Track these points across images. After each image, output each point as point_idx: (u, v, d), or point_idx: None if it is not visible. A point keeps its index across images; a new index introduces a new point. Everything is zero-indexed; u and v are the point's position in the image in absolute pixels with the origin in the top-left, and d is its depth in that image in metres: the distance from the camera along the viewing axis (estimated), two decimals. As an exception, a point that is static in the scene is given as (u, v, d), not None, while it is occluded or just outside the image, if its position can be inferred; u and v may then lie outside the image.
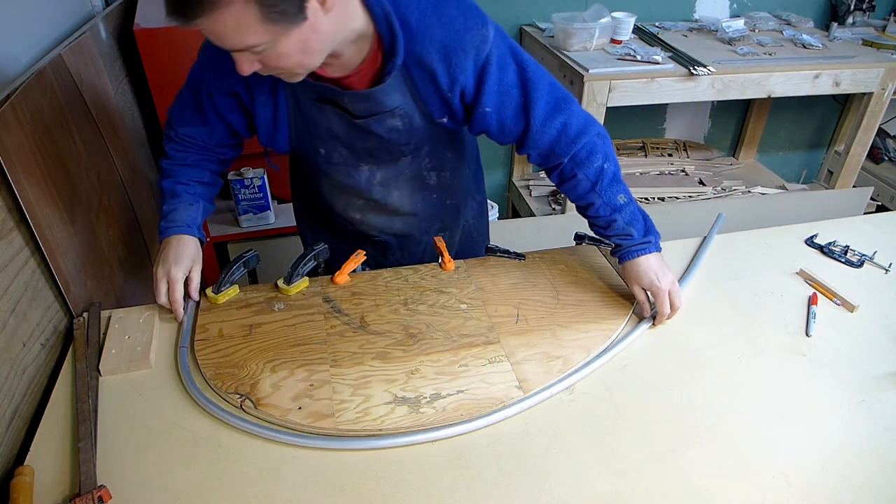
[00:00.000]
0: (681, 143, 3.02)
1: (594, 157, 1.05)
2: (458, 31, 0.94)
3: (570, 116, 1.03)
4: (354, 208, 1.22)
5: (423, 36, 0.94)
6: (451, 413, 0.88)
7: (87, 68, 1.36)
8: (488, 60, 0.97)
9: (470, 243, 1.40)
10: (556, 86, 1.03)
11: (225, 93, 1.05)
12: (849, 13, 2.67)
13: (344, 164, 1.14)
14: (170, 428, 0.87)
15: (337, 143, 1.09)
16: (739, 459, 0.83)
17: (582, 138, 1.03)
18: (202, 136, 1.12)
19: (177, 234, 1.08)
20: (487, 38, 0.96)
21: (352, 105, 1.01)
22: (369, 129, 1.04)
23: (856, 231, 1.34)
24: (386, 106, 1.01)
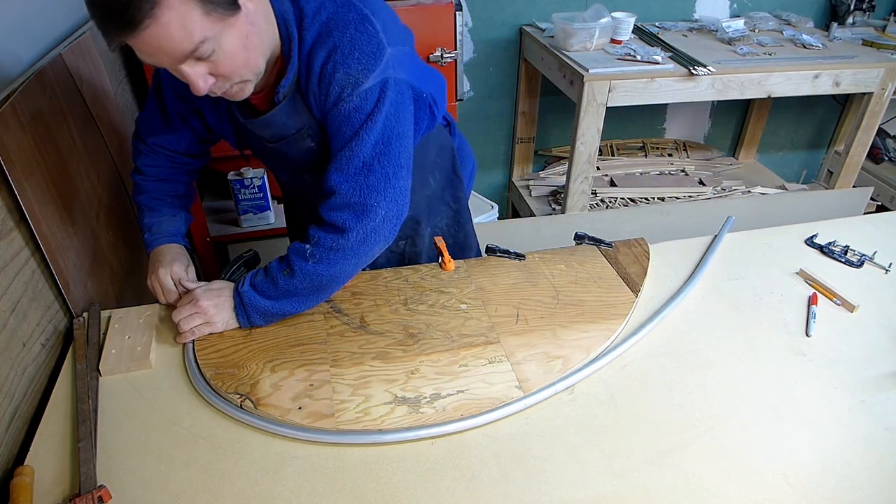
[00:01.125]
0: (681, 143, 3.02)
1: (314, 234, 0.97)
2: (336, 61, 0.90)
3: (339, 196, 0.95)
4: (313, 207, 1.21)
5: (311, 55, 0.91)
6: (451, 413, 0.88)
7: (87, 68, 1.36)
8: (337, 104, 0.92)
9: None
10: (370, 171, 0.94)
11: (177, 97, 1.06)
12: (849, 13, 2.67)
13: (288, 170, 1.15)
14: (170, 428, 0.87)
15: (269, 158, 1.11)
16: (739, 459, 0.84)
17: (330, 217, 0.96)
18: (171, 143, 1.14)
19: (162, 244, 1.11)
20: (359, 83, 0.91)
21: (259, 131, 1.01)
22: (285, 153, 1.05)
23: (856, 231, 1.34)
24: (290, 128, 0.99)
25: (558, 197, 2.67)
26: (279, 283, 0.98)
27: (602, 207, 2.58)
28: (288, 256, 0.99)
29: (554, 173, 2.85)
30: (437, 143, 1.22)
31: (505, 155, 2.87)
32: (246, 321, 1.00)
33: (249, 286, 1.00)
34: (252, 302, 0.99)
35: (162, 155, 1.16)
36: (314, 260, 0.96)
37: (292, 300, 1.00)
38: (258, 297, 0.99)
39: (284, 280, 0.98)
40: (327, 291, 1.02)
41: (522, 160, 2.84)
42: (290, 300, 1.00)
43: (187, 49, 0.78)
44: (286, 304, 1.00)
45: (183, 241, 1.14)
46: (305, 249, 0.97)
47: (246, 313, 1.00)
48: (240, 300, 1.00)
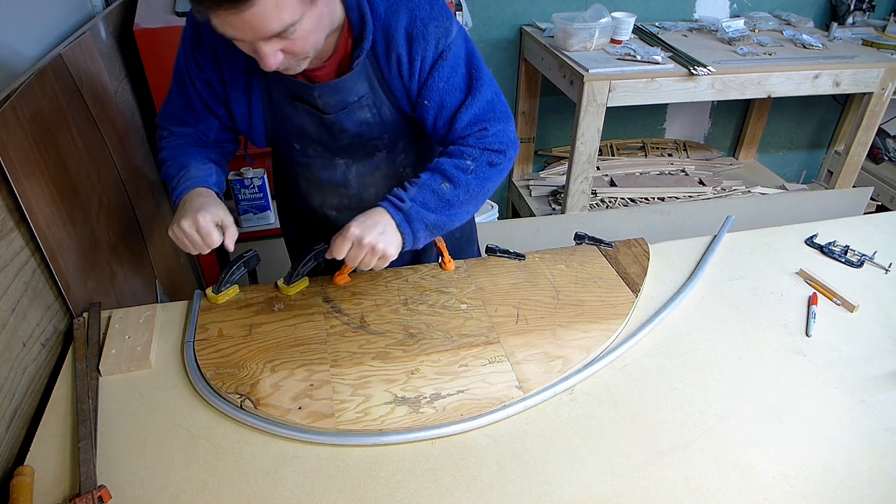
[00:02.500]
0: (681, 143, 3.02)
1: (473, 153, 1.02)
2: (423, 19, 0.95)
3: (487, 130, 1.02)
4: (330, 205, 1.22)
5: (390, 22, 0.95)
6: (452, 413, 0.88)
7: (87, 68, 1.36)
8: (444, 55, 0.98)
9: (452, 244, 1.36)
10: (495, 102, 1.03)
11: (205, 84, 1.05)
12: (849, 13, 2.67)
13: (320, 158, 1.14)
14: (170, 428, 0.87)
15: (309, 140, 1.10)
16: (739, 459, 0.84)
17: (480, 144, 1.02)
18: (199, 133, 1.13)
19: (192, 188, 1.03)
20: (450, 32, 0.97)
21: (321, 100, 1.01)
22: (340, 125, 1.04)
23: (856, 231, 1.34)
24: (354, 95, 1.01)
25: (558, 197, 2.67)
26: (442, 195, 1.00)
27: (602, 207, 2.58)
28: (445, 170, 1.00)
29: (554, 173, 2.85)
30: None
31: (505, 155, 2.87)
32: (412, 238, 0.99)
33: (412, 202, 0.98)
34: (419, 216, 0.99)
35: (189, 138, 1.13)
36: (475, 174, 1.01)
37: (452, 212, 1.02)
38: (424, 211, 0.99)
39: (447, 192, 1.00)
40: (477, 205, 1.06)
41: (522, 160, 2.84)
42: (450, 212, 1.01)
43: (276, 29, 0.80)
44: (446, 216, 1.01)
45: (215, 187, 1.07)
46: (466, 165, 1.00)
47: (412, 230, 0.99)
48: (405, 217, 0.98)
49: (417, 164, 1.19)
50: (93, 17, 1.57)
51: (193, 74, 1.05)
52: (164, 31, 1.63)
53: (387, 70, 0.99)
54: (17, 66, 1.15)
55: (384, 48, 0.97)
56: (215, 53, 1.01)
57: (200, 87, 1.06)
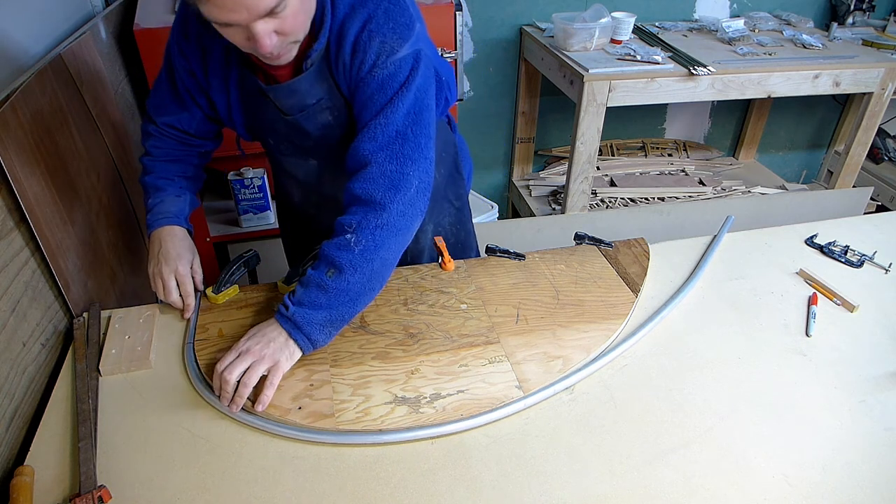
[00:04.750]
0: (681, 143, 3.02)
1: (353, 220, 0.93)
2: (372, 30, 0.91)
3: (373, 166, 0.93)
4: (309, 203, 1.22)
5: (344, 26, 0.92)
6: (452, 413, 0.88)
7: (87, 68, 1.36)
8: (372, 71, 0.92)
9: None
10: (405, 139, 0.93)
11: (188, 73, 1.04)
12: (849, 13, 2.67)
13: (293, 157, 1.14)
14: (170, 428, 0.87)
15: (281, 137, 1.09)
16: (739, 459, 0.84)
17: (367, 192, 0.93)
18: (183, 123, 1.11)
19: (167, 224, 1.08)
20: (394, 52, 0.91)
21: (279, 101, 1.00)
22: (302, 127, 1.04)
23: (856, 231, 1.34)
24: (312, 97, 0.99)
25: (558, 197, 2.67)
26: (329, 287, 0.90)
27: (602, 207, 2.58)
28: (326, 256, 0.91)
29: (554, 173, 2.85)
30: (442, 138, 1.22)
31: (505, 155, 2.87)
32: (308, 344, 0.91)
33: (294, 306, 0.91)
34: (306, 319, 0.90)
35: (172, 136, 1.13)
36: (360, 246, 0.91)
37: (348, 300, 0.92)
38: (311, 312, 0.90)
39: (333, 281, 0.90)
40: (381, 280, 0.95)
41: (522, 160, 2.84)
42: (346, 301, 0.91)
43: (270, 5, 0.79)
44: (343, 307, 0.92)
45: (186, 223, 1.12)
46: (346, 240, 0.91)
47: (304, 334, 0.90)
48: (293, 325, 0.90)
49: None
50: (93, 17, 1.57)
51: (179, 64, 1.04)
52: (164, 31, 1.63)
53: (336, 73, 0.96)
54: (17, 66, 1.15)
55: (335, 51, 0.93)
56: (200, 43, 1.00)
57: (184, 76, 1.05)
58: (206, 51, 1.01)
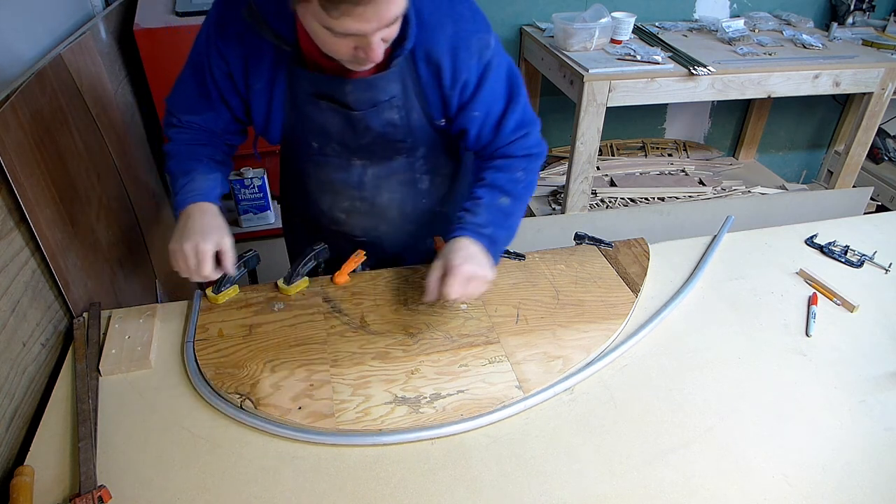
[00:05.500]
0: (681, 143, 3.02)
1: (520, 162, 1.08)
2: (468, 30, 0.97)
3: (529, 133, 1.08)
4: (341, 208, 1.21)
5: (433, 29, 0.95)
6: (452, 413, 0.88)
7: (87, 68, 1.36)
8: (489, 66, 1.00)
9: None
10: (528, 107, 1.08)
11: (225, 74, 1.03)
12: (849, 13, 2.67)
13: (337, 158, 1.13)
14: (170, 428, 0.87)
15: (329, 139, 1.09)
16: (739, 459, 0.84)
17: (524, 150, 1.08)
18: (208, 122, 1.10)
19: (196, 201, 1.02)
20: (490, 44, 1.00)
21: (353, 95, 1.00)
22: (366, 124, 1.04)
23: (856, 231, 1.34)
24: (386, 94, 1.01)
25: (558, 197, 2.67)
26: (504, 209, 1.04)
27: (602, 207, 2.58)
28: (501, 186, 1.05)
29: (554, 173, 2.85)
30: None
31: (505, 155, 2.87)
32: (496, 259, 1.02)
33: (490, 226, 1.02)
34: (497, 236, 1.02)
35: (197, 131, 1.11)
36: (524, 183, 1.07)
37: (511, 222, 1.06)
38: (498, 230, 1.03)
39: (507, 206, 1.04)
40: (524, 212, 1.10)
41: (522, 160, 2.84)
42: (511, 223, 1.06)
43: (398, 14, 0.82)
44: (509, 228, 1.06)
45: (218, 201, 1.05)
46: (517, 177, 1.06)
47: (496, 251, 1.02)
48: (489, 241, 1.01)
49: (432, 172, 1.19)
50: (93, 18, 1.57)
51: (213, 64, 1.02)
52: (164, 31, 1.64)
53: (425, 76, 1.00)
54: (16, 67, 1.15)
55: (424, 54, 0.97)
56: (243, 46, 0.99)
57: (219, 77, 1.03)
58: (250, 54, 0.99)
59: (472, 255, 0.98)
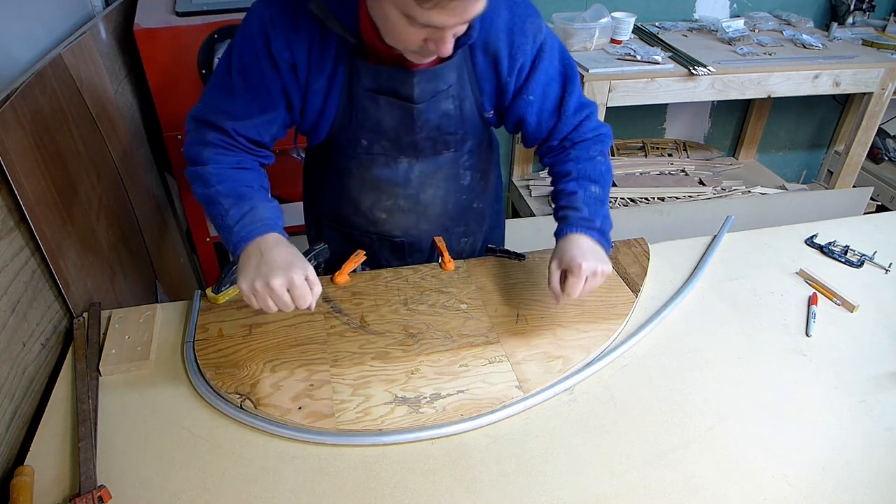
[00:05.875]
0: (681, 143, 3.02)
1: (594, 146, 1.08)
2: (521, 15, 0.99)
3: (591, 115, 1.09)
4: (382, 207, 1.19)
5: (490, 17, 0.96)
6: (451, 413, 0.88)
7: (87, 68, 1.36)
8: (542, 48, 1.01)
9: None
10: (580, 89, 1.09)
11: (290, 66, 0.97)
12: (849, 13, 2.67)
13: (384, 156, 1.11)
14: (170, 428, 0.87)
15: (381, 136, 1.07)
16: (739, 459, 0.84)
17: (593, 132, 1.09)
18: (263, 127, 1.01)
19: (266, 232, 0.91)
20: (542, 27, 1.02)
21: (419, 86, 1.00)
22: (425, 116, 1.04)
23: (856, 231, 1.34)
24: (444, 83, 1.01)
25: (558, 197, 2.66)
26: (598, 198, 1.04)
27: (602, 207, 2.57)
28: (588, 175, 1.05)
29: (554, 173, 2.84)
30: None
31: (505, 155, 2.87)
32: (609, 246, 1.03)
33: (599, 218, 1.02)
34: (606, 226, 1.03)
35: (241, 146, 1.01)
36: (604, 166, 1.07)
37: (608, 211, 1.06)
38: (605, 221, 1.03)
39: (599, 195, 1.05)
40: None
41: (522, 160, 2.84)
42: (608, 212, 1.06)
43: (477, 12, 0.82)
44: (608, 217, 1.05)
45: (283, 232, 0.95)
46: (599, 162, 1.07)
47: (607, 239, 1.03)
48: (601, 235, 1.02)
49: (473, 168, 1.20)
50: (93, 18, 1.57)
51: (279, 55, 0.95)
52: (164, 31, 1.63)
53: (482, 64, 1.01)
54: (16, 67, 1.15)
55: (482, 43, 0.98)
56: (305, 39, 0.95)
57: (284, 70, 0.96)
58: (312, 49, 0.96)
59: (589, 250, 0.98)
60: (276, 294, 0.84)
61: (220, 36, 1.66)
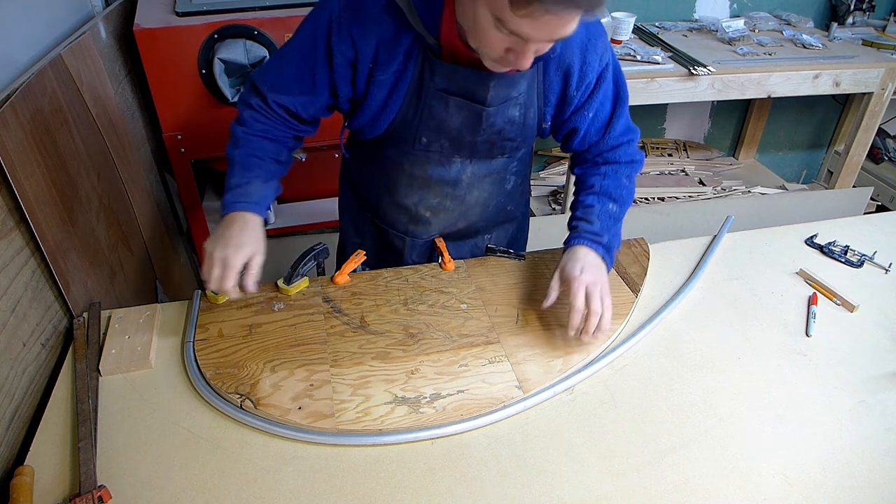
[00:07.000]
0: (681, 143, 3.02)
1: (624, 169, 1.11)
2: (595, 34, 1.00)
3: (632, 141, 1.11)
4: (428, 204, 1.20)
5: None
6: (451, 413, 0.88)
7: (87, 68, 1.36)
8: (607, 68, 1.04)
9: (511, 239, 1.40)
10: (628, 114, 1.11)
11: (347, 62, 0.98)
12: (849, 13, 2.67)
13: (438, 154, 1.11)
14: (170, 428, 0.87)
15: (442, 135, 1.07)
16: (739, 459, 0.84)
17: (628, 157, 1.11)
18: (300, 106, 1.05)
19: (246, 210, 1.00)
20: (608, 47, 1.04)
21: (495, 91, 1.00)
22: (492, 119, 1.04)
23: (856, 231, 1.34)
24: (516, 90, 1.02)
25: (558, 197, 2.67)
26: (613, 215, 1.08)
27: (602, 207, 2.57)
28: (609, 192, 1.08)
29: (554, 173, 2.85)
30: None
31: (505, 155, 2.87)
32: (612, 263, 1.06)
33: (607, 234, 1.05)
34: (613, 242, 1.05)
35: (276, 117, 1.06)
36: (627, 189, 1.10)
37: (619, 228, 1.09)
38: (613, 237, 1.06)
39: (616, 212, 1.08)
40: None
41: (522, 160, 2.84)
42: (618, 228, 1.09)
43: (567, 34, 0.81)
44: (619, 235, 1.09)
45: (264, 212, 1.04)
46: (624, 182, 1.10)
47: (611, 255, 1.05)
48: (606, 250, 1.04)
49: (517, 173, 1.23)
50: (93, 18, 1.57)
51: (337, 49, 0.97)
52: (164, 31, 1.63)
53: (553, 77, 1.02)
54: (16, 67, 1.15)
55: (557, 56, 0.99)
56: (375, 33, 0.96)
57: (339, 63, 0.98)
58: (382, 44, 0.96)
59: (590, 263, 1.00)
60: (213, 263, 0.95)
61: (220, 36, 1.66)
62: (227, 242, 0.96)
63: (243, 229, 0.98)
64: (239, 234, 0.97)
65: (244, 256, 0.96)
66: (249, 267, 0.97)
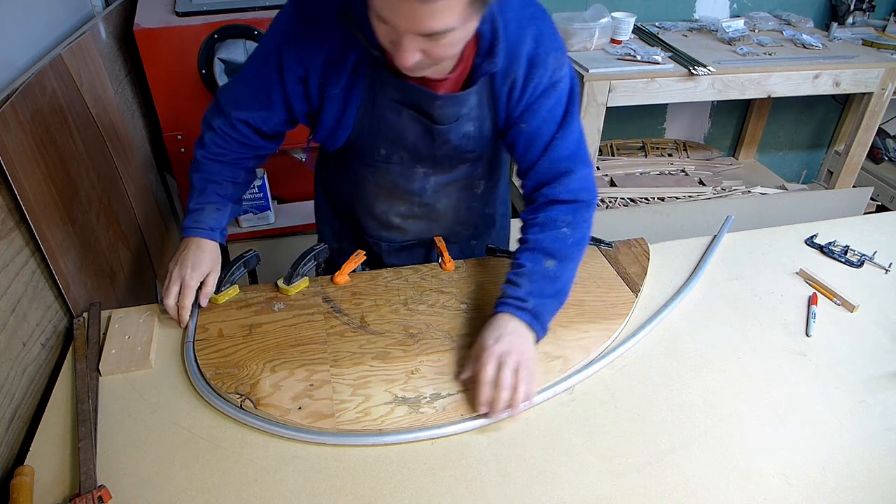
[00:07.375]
0: (681, 143, 3.02)
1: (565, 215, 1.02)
2: (546, 47, 0.97)
3: (575, 172, 1.02)
4: (397, 212, 1.20)
5: (515, 44, 0.95)
6: (451, 413, 0.88)
7: (87, 68, 1.36)
8: (554, 86, 0.99)
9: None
10: (582, 144, 1.05)
11: (298, 78, 0.99)
12: (849, 13, 2.67)
13: (400, 165, 1.11)
14: (170, 428, 0.87)
15: (400, 147, 1.07)
16: (739, 459, 0.84)
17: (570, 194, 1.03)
18: (259, 121, 1.06)
19: (198, 236, 1.07)
20: (563, 64, 1.00)
21: (441, 110, 1.00)
22: (445, 136, 1.04)
23: (856, 231, 1.34)
24: (466, 107, 1.01)
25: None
26: (553, 276, 0.98)
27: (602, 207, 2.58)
28: (545, 248, 0.99)
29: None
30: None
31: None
32: (543, 332, 0.96)
33: (532, 297, 0.95)
34: (543, 308, 0.96)
35: (237, 136, 1.08)
36: (572, 239, 1.01)
37: (561, 285, 1.00)
38: (544, 301, 0.96)
39: (555, 271, 0.98)
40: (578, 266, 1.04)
41: (522, 160, 2.84)
42: (564, 290, 1.00)
43: (435, 29, 0.77)
44: (563, 296, 1.00)
45: (221, 237, 1.09)
46: (563, 233, 1.00)
47: (541, 323, 0.95)
48: (532, 316, 0.94)
49: (487, 177, 1.21)
50: (93, 18, 1.57)
51: (287, 67, 0.98)
52: (164, 31, 1.64)
53: (500, 87, 1.00)
54: (16, 67, 1.15)
55: (504, 68, 0.97)
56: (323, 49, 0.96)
57: (290, 80, 0.99)
58: (330, 59, 0.97)
59: (509, 332, 0.92)
60: (173, 281, 1.03)
61: (220, 36, 1.66)
62: (185, 263, 1.04)
63: (198, 251, 1.06)
64: (195, 255, 1.05)
65: (200, 275, 1.05)
66: (205, 283, 1.06)
